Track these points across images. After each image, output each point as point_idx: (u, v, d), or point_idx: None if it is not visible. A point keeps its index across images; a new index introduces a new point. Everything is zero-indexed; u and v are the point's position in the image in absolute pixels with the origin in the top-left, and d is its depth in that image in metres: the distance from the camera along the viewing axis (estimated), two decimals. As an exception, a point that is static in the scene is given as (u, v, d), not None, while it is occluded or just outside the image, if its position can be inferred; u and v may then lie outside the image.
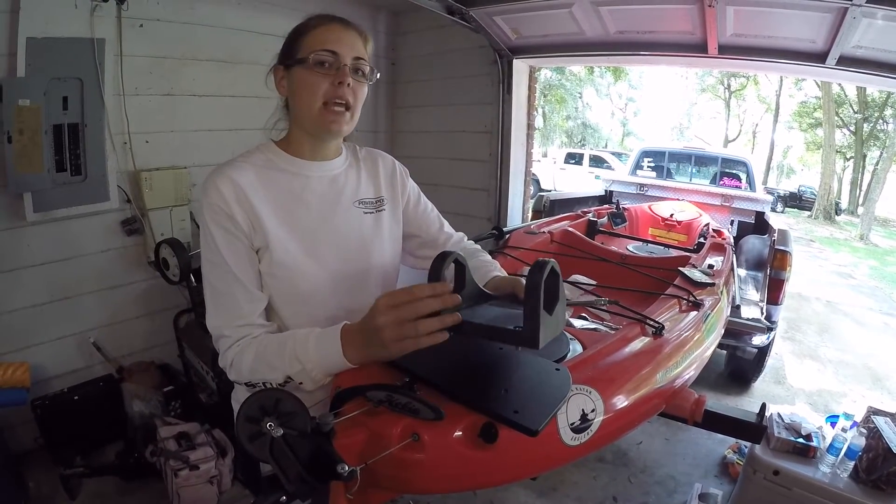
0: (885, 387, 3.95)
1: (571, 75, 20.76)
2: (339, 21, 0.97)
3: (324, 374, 0.86)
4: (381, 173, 1.14)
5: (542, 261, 0.72)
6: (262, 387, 0.88)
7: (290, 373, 0.85)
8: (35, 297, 2.40)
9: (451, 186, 3.89)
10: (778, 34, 2.52)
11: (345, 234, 1.04)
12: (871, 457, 1.84)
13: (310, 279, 0.99)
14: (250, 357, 0.89)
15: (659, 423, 2.82)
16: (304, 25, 0.97)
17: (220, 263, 0.93)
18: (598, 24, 2.86)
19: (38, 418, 2.32)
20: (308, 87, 0.95)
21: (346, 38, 0.96)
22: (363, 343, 0.81)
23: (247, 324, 0.93)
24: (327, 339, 0.84)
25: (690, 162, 6.00)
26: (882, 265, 10.05)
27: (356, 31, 0.98)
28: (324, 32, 0.95)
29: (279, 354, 0.87)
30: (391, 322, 0.75)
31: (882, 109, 16.36)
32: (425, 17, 3.59)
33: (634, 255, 2.60)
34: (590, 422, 0.87)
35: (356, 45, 0.97)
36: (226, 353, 0.93)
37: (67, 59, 2.26)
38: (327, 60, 0.94)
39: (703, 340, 1.51)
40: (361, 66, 0.98)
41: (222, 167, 0.96)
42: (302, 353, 0.85)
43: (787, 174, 24.75)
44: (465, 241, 1.27)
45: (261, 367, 0.88)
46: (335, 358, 0.83)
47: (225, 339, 0.93)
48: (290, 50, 0.98)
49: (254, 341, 0.92)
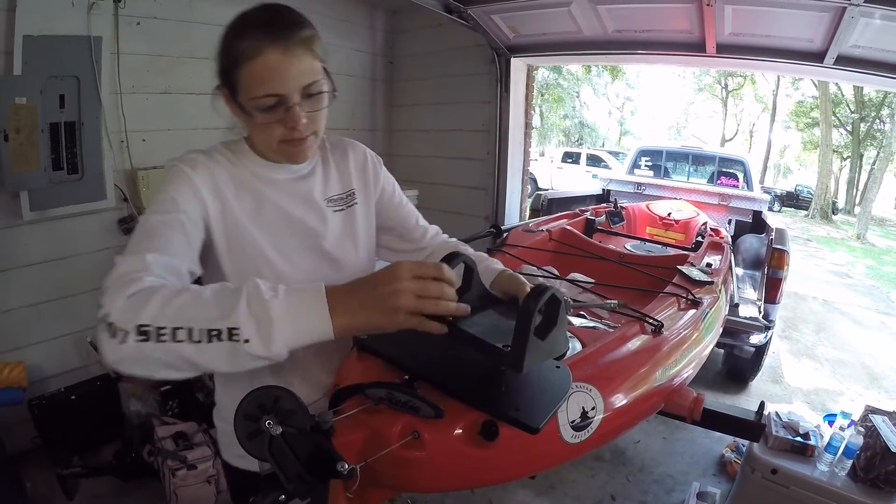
0: (882, 385, 3.96)
1: (569, 74, 20.77)
2: (276, 44, 0.80)
3: (290, 338, 0.65)
4: (352, 165, 1.06)
5: (542, 288, 0.70)
6: (168, 335, 0.63)
7: (234, 324, 0.63)
8: (31, 297, 2.39)
9: (448, 185, 3.89)
10: (776, 33, 2.52)
11: (316, 236, 0.98)
12: (869, 455, 1.85)
13: (283, 282, 0.93)
14: (168, 293, 0.66)
15: (657, 422, 2.83)
16: (237, 49, 0.82)
17: (171, 210, 0.81)
18: (596, 23, 2.86)
19: (35, 418, 2.31)
20: (258, 129, 0.87)
21: (288, 70, 0.81)
22: (358, 306, 0.68)
23: (175, 272, 0.76)
24: (305, 297, 0.68)
25: (688, 161, 6.02)
26: (879, 264, 10.08)
27: (299, 47, 0.82)
28: (261, 68, 0.80)
29: (219, 298, 0.67)
30: (414, 290, 0.67)
31: (879, 109, 16.40)
32: (423, 16, 3.59)
33: (632, 253, 2.60)
34: (590, 419, 0.87)
35: (302, 69, 0.83)
36: (124, 290, 0.66)
37: (64, 57, 2.25)
38: (272, 105, 0.83)
39: (701, 339, 1.51)
40: (314, 90, 0.85)
41: (195, 155, 0.89)
42: (259, 306, 0.64)
43: (784, 173, 24.83)
44: (441, 234, 1.21)
45: (184, 306, 0.65)
46: (315, 320, 0.67)
47: (132, 278, 0.68)
48: (228, 75, 0.85)
49: (172, 285, 0.71)
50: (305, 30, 0.84)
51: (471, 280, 0.84)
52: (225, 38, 0.85)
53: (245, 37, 0.81)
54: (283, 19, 0.83)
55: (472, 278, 0.84)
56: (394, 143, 4.17)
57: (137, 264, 0.72)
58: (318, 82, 0.85)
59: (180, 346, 0.63)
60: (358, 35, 3.82)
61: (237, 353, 0.64)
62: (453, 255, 0.81)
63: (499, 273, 0.95)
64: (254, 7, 0.84)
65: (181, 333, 0.63)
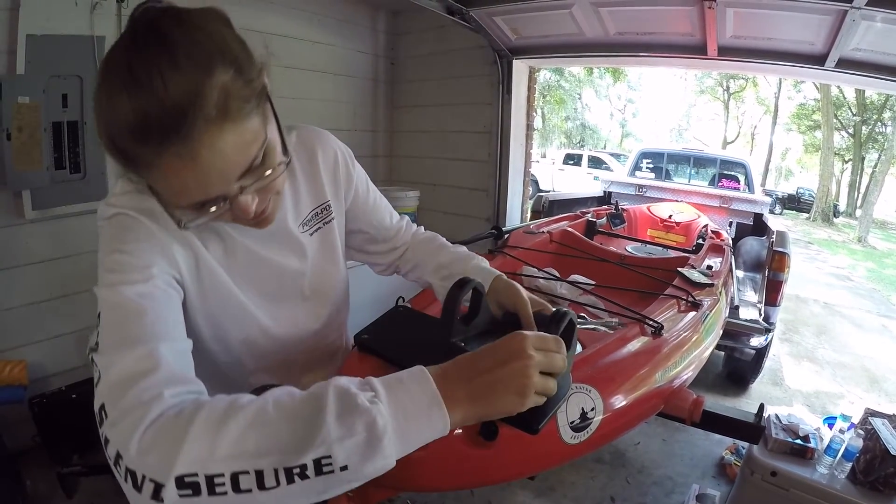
0: (883, 388, 3.96)
1: (571, 76, 20.82)
2: (176, 150, 0.53)
3: (399, 450, 0.51)
4: (322, 170, 0.87)
5: (562, 311, 0.70)
6: (227, 485, 0.45)
7: (323, 452, 0.46)
8: (33, 295, 2.40)
9: (449, 186, 3.89)
10: (777, 36, 2.53)
11: (298, 277, 0.87)
12: (869, 458, 1.84)
13: (267, 336, 0.84)
14: (211, 417, 0.48)
15: (656, 424, 2.82)
16: (120, 151, 0.55)
17: (144, 277, 0.62)
18: (598, 25, 2.87)
19: (36, 416, 2.31)
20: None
21: (208, 174, 0.57)
22: (481, 392, 0.56)
23: (187, 363, 0.60)
24: (415, 396, 0.53)
25: (689, 163, 6.03)
26: (880, 267, 10.07)
27: (212, 132, 0.54)
28: (169, 180, 0.57)
29: (293, 414, 0.49)
30: (543, 365, 0.59)
31: (881, 112, 16.40)
32: (425, 17, 3.60)
33: (633, 255, 2.60)
34: (589, 420, 0.87)
35: (228, 160, 0.57)
36: (137, 421, 0.48)
37: (67, 56, 2.26)
38: (204, 204, 0.62)
39: (701, 341, 1.51)
40: (255, 164, 0.61)
41: (144, 197, 0.66)
42: (358, 419, 0.48)
43: (785, 176, 24.82)
44: (411, 227, 1.10)
45: (242, 438, 0.47)
46: (430, 426, 0.53)
47: (154, 402, 0.50)
48: (128, 169, 0.58)
49: (219, 398, 0.51)
50: (210, 94, 0.53)
51: (479, 305, 0.82)
52: (98, 119, 0.56)
53: (124, 139, 0.54)
54: (164, 107, 0.51)
55: (481, 303, 0.82)
56: (395, 145, 4.17)
57: (142, 364, 0.53)
58: (257, 156, 0.61)
59: (247, 498, 0.45)
60: (360, 36, 3.83)
61: (330, 485, 0.48)
62: (462, 282, 0.78)
63: (494, 280, 0.89)
64: (117, 65, 0.53)
65: (246, 480, 0.45)
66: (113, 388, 0.52)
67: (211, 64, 0.54)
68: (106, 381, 0.53)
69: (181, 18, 0.56)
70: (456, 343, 0.76)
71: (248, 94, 0.58)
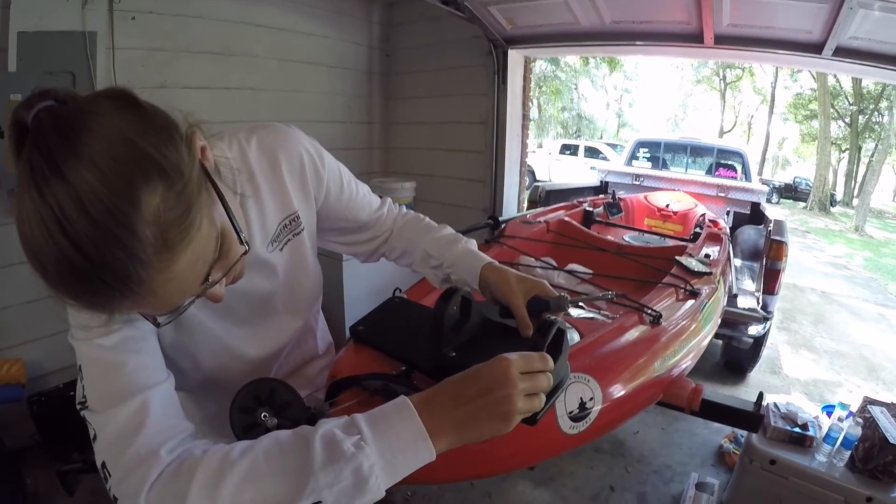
0: (880, 377, 3.97)
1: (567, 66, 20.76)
2: (122, 300, 0.50)
3: (386, 484, 0.53)
4: (287, 178, 0.81)
5: (549, 321, 0.70)
6: None
7: (314, 499, 0.51)
8: (29, 294, 2.37)
9: (446, 177, 3.88)
10: (774, 24, 2.51)
11: (269, 298, 0.85)
12: (868, 446, 1.85)
13: (238, 359, 0.83)
14: (208, 474, 0.52)
15: (655, 413, 2.83)
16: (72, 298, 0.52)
17: (115, 319, 0.61)
18: (594, 14, 2.84)
19: (35, 415, 2.31)
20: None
21: (169, 297, 0.53)
22: (465, 420, 0.57)
23: (174, 406, 0.62)
24: (400, 432, 0.54)
25: (686, 152, 6.01)
26: (877, 256, 10.08)
27: (160, 266, 0.49)
28: (130, 309, 0.55)
29: (281, 464, 0.52)
30: (528, 390, 0.60)
31: (877, 101, 16.40)
32: (419, 8, 3.57)
33: (631, 244, 2.60)
34: (588, 410, 0.87)
35: (188, 280, 0.54)
36: (139, 481, 0.52)
37: (59, 53, 2.24)
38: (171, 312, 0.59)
39: (700, 329, 1.51)
40: (215, 274, 0.58)
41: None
42: (345, 465, 0.51)
43: (782, 165, 24.82)
44: (393, 209, 1.05)
45: (238, 492, 0.51)
46: (416, 457, 0.55)
47: (152, 461, 0.54)
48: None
49: (212, 454, 0.54)
50: (144, 236, 0.47)
51: (469, 312, 0.81)
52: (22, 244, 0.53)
53: (61, 290, 0.52)
54: (95, 268, 0.47)
55: (471, 309, 0.82)
56: (391, 136, 4.15)
57: (134, 420, 0.56)
58: (215, 252, 0.57)
59: None
60: (354, 27, 3.79)
61: None
62: (450, 291, 0.78)
63: (485, 269, 0.86)
64: (31, 214, 0.52)
65: None
66: (111, 447, 0.56)
67: (132, 193, 0.46)
68: (103, 440, 0.57)
69: (74, 129, 0.47)
70: (447, 353, 0.76)
71: (186, 204, 0.50)
